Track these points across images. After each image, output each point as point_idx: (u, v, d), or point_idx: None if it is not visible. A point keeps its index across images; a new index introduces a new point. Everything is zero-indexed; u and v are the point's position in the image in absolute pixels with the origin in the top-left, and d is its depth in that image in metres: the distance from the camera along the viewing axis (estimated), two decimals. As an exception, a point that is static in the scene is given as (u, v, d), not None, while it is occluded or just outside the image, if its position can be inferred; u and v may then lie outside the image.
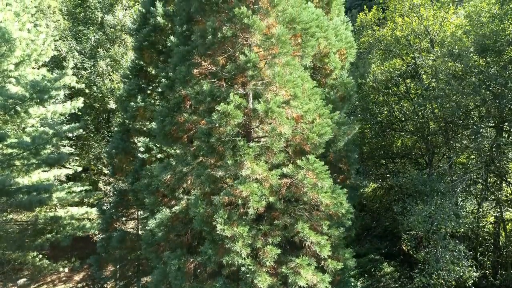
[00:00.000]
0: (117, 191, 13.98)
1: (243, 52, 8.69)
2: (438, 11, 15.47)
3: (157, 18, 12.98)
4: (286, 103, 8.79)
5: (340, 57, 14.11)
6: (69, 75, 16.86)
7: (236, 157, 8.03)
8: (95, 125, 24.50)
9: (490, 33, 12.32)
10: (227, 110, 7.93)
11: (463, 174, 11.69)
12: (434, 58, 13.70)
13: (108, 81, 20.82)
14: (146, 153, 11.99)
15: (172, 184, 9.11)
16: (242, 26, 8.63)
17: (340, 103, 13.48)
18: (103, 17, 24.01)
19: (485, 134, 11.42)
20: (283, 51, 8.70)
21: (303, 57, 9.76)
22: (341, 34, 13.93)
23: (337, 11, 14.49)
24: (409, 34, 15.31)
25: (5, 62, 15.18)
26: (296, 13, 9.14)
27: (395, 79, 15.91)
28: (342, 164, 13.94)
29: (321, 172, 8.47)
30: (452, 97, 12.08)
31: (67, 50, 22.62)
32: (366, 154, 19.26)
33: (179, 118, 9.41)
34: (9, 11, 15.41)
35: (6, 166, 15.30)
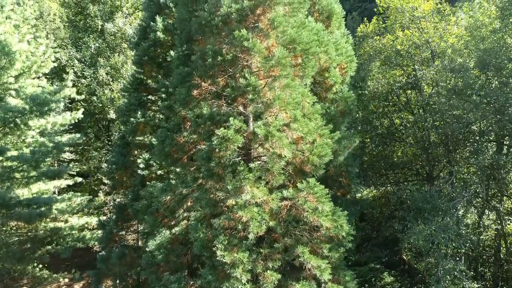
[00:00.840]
0: (117, 206, 13.95)
1: (243, 75, 8.66)
2: (439, 23, 15.44)
3: (157, 33, 12.95)
4: (287, 125, 8.76)
5: (341, 71, 14.09)
6: (69, 87, 16.82)
7: (236, 182, 8.00)
8: (95, 133, 24.50)
9: (491, 48, 12.29)
10: (227, 135, 7.90)
11: (464, 189, 11.65)
12: (435, 71, 13.67)
13: (108, 90, 20.79)
14: (146, 170, 11.97)
15: (172, 206, 9.09)
16: (242, 48, 8.60)
17: (340, 118, 13.45)
18: (103, 25, 23.98)
19: (486, 151, 11.39)
20: (283, 74, 8.68)
21: (303, 77, 9.74)
22: (342, 48, 13.92)
23: (338, 24, 14.46)
24: (410, 46, 15.28)
25: (5, 75, 15.15)
26: (296, 34, 9.11)
27: (395, 91, 15.88)
28: (342, 178, 13.92)
29: (322, 195, 8.45)
30: (453, 112, 12.05)
31: (67, 59, 22.60)
32: (366, 163, 19.24)
33: (179, 138, 9.37)
34: (9, 23, 15.37)
35: (6, 178, 15.28)
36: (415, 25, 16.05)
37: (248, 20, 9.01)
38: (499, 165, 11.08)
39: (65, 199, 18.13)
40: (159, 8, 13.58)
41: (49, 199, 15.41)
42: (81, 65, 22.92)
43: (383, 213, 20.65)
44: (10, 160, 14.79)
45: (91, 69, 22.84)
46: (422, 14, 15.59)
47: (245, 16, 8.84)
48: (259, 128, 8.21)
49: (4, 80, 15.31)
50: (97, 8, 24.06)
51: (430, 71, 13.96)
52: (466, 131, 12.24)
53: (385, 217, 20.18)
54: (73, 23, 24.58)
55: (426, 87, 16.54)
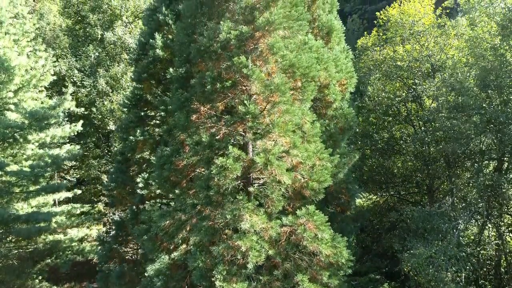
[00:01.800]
0: (116, 222, 13.92)
1: (242, 101, 8.64)
2: (440, 38, 15.40)
3: (156, 50, 12.90)
4: (286, 152, 8.73)
5: (341, 87, 14.05)
6: (68, 100, 16.79)
7: (235, 211, 7.97)
8: (94, 142, 24.44)
9: (491, 66, 12.25)
10: (226, 164, 7.87)
11: (465, 209, 11.62)
12: (435, 88, 13.64)
13: (108, 102, 20.75)
14: (145, 189, 11.94)
15: (171, 231, 9.05)
16: (242, 74, 8.58)
17: (340, 136, 13.41)
18: (103, 34, 23.94)
19: (487, 170, 11.35)
20: (283, 100, 8.65)
21: (303, 101, 9.70)
22: (341, 64, 13.87)
23: (337, 39, 14.41)
24: (410, 62, 15.25)
25: (4, 90, 15.13)
26: (295, 59, 9.08)
27: (395, 105, 15.84)
28: (342, 195, 13.88)
29: (321, 223, 8.42)
30: (453, 129, 12.01)
31: (67, 68, 22.57)
32: (366, 175, 19.21)
33: (178, 162, 9.33)
34: (8, 38, 15.34)
35: (5, 193, 15.25)
36: (415, 39, 16.01)
37: (247, 44, 8.99)
38: (500, 184, 11.05)
39: (64, 212, 18.12)
40: (159, 24, 13.52)
41: (48, 214, 15.38)
42: (81, 75, 22.89)
43: (383, 224, 20.60)
44: (9, 175, 14.78)
45: (90, 79, 22.81)
46: (423, 28, 15.55)
47: (244, 41, 8.81)
48: (259, 156, 8.18)
49: (3, 95, 15.30)
50: (97, 17, 24.02)
51: (431, 87, 13.93)
52: (466, 149, 12.20)
53: (386, 228, 20.13)
54: (73, 32, 24.54)
55: (426, 100, 16.51)
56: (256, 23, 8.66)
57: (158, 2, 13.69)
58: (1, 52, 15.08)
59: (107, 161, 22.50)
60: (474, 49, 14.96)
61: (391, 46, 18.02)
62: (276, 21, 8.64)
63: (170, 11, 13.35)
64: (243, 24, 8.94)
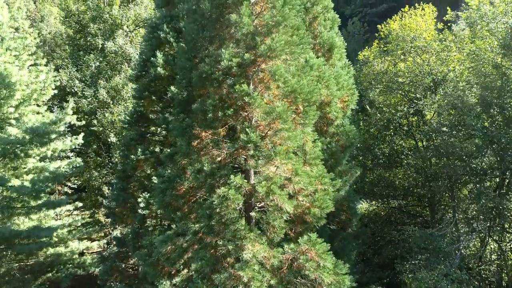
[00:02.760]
0: (117, 239, 13.91)
1: (244, 128, 8.63)
2: (442, 53, 15.39)
3: (157, 68, 12.90)
4: (288, 179, 8.71)
5: (342, 104, 14.03)
6: (70, 114, 16.78)
7: (237, 241, 7.96)
8: (95, 150, 24.40)
9: (494, 85, 12.23)
10: (228, 194, 7.86)
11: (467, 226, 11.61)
12: (437, 105, 13.62)
13: (109, 113, 20.75)
14: (147, 209, 11.93)
15: (172, 257, 9.03)
16: (243, 101, 8.56)
17: (341, 154, 13.40)
18: (103, 44, 23.92)
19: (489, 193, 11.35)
20: (285, 127, 8.63)
21: (304, 125, 9.67)
22: (343, 81, 13.86)
23: (339, 56, 14.40)
24: (412, 78, 15.24)
25: (5, 106, 15.13)
26: (297, 85, 9.06)
27: (397, 120, 15.83)
28: (343, 212, 13.87)
29: (324, 252, 8.40)
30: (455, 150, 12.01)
31: (68, 79, 22.56)
32: (367, 187, 19.19)
33: (179, 187, 9.32)
34: (9, 54, 15.34)
35: (6, 208, 15.26)
36: (416, 53, 15.98)
37: (249, 69, 8.98)
38: (502, 206, 11.03)
39: (65, 225, 18.12)
40: (160, 42, 13.53)
41: (50, 230, 15.39)
42: (82, 85, 22.87)
43: (384, 235, 20.56)
44: (10, 191, 14.78)
45: (91, 89, 22.79)
46: (424, 43, 15.53)
47: (246, 67, 8.81)
48: (260, 185, 8.17)
49: (5, 111, 15.30)
50: (98, 26, 24.01)
51: (433, 104, 13.90)
52: (467, 168, 12.18)
53: (387, 240, 20.10)
54: (74, 42, 24.53)
55: (428, 114, 16.49)
56: (258, 50, 8.65)
57: (159, 19, 13.71)
58: (2, 67, 15.09)
59: (108, 172, 22.48)
60: (476, 62, 14.95)
61: (392, 58, 18.02)
62: (278, 48, 8.63)
63: (171, 29, 13.35)
64: (245, 49, 8.93)
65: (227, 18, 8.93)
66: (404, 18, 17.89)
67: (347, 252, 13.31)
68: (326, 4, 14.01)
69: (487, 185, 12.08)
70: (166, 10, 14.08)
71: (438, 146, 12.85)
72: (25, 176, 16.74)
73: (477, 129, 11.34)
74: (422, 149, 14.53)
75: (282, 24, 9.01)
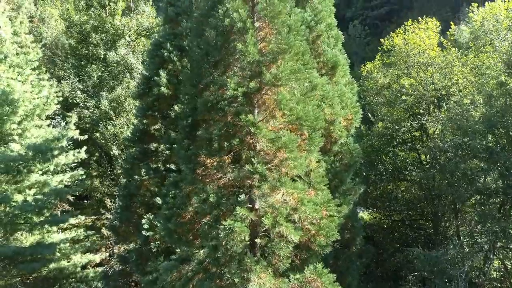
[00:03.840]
0: (121, 257, 13.89)
1: (249, 157, 8.60)
2: (446, 68, 15.35)
3: (161, 88, 12.87)
4: (294, 209, 8.68)
5: (346, 122, 14.00)
6: (72, 129, 16.77)
7: (243, 273, 7.93)
8: (97, 160, 24.38)
9: (499, 105, 12.19)
10: (234, 227, 7.83)
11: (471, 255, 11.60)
12: (441, 124, 13.59)
13: (111, 126, 20.72)
14: (151, 230, 11.90)
15: (177, 286, 9.01)
16: (249, 131, 8.54)
17: (346, 173, 13.38)
18: (105, 54, 23.89)
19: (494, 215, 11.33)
20: (291, 157, 8.60)
21: (310, 152, 9.64)
22: (347, 99, 13.85)
23: (342, 73, 14.37)
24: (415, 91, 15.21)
25: (8, 123, 15.10)
26: (302, 113, 9.02)
27: (401, 137, 15.81)
28: (347, 231, 13.84)
29: (330, 283, 8.38)
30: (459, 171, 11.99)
31: (70, 90, 22.54)
32: (370, 200, 19.17)
33: (184, 215, 9.30)
34: (12, 70, 15.32)
35: (9, 224, 15.24)
36: (420, 69, 15.95)
37: (254, 97, 8.96)
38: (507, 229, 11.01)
39: (68, 239, 18.09)
40: (163, 60, 13.50)
41: (52, 246, 15.37)
42: (84, 95, 22.85)
43: (387, 247, 20.53)
44: (12, 208, 14.76)
45: (93, 99, 22.77)
46: (427, 59, 15.49)
47: (251, 94, 8.79)
48: (266, 217, 8.14)
49: (7, 127, 15.28)
50: (100, 36, 23.98)
51: (436, 122, 13.87)
52: (472, 189, 12.16)
53: (389, 252, 20.08)
54: (76, 52, 24.50)
55: (431, 130, 16.45)
56: (263, 79, 8.62)
57: (163, 37, 13.66)
58: (5, 83, 15.07)
59: (110, 183, 22.46)
60: (479, 76, 14.90)
61: (394, 70, 17.99)
62: (283, 77, 8.60)
63: (175, 47, 13.32)
64: (250, 77, 8.91)
65: (232, 46, 8.90)
66: (407, 32, 17.84)
67: (351, 272, 13.28)
68: (330, 22, 14.00)
69: (491, 204, 12.04)
70: (170, 27, 14.04)
71: (442, 166, 12.82)
72: (27, 190, 16.72)
73: (482, 151, 11.32)
74: (426, 168, 14.50)
75: (288, 51, 8.99)
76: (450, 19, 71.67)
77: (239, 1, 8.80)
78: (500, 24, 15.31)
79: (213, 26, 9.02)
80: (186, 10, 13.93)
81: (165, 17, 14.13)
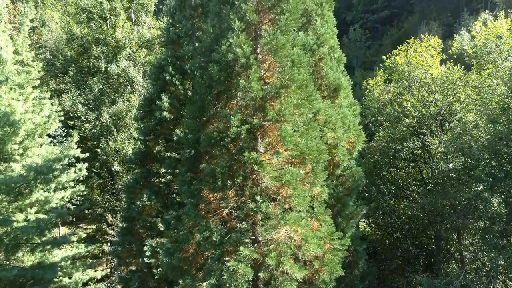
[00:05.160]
0: (122, 279, 13.85)
1: (253, 194, 8.56)
2: (450, 89, 15.31)
3: (163, 112, 12.83)
4: (297, 247, 8.63)
5: (349, 145, 13.96)
6: (74, 148, 16.71)
7: (247, 314, 7.89)
8: (98, 174, 24.32)
9: (502, 131, 12.13)
10: (238, 268, 7.78)
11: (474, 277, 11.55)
12: (445, 146, 13.55)
13: (113, 142, 20.68)
14: (153, 258, 11.85)
15: (180, 322, 8.97)
16: (253, 168, 8.50)
17: (348, 198, 13.33)
18: (107, 67, 23.85)
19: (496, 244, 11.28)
20: (294, 194, 8.56)
21: (313, 185, 9.60)
22: (349, 122, 13.80)
23: (345, 95, 14.32)
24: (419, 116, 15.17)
25: (9, 144, 15.06)
26: (306, 148, 8.98)
27: (403, 156, 15.76)
28: (350, 255, 13.78)
29: (333, 323, 8.34)
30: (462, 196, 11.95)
31: (71, 104, 22.50)
32: (371, 218, 19.11)
33: (187, 249, 9.26)
34: (14, 92, 15.27)
35: (11, 246, 15.20)
36: (423, 89, 15.90)
37: (257, 132, 8.93)
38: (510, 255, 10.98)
39: (69, 257, 18.03)
40: (165, 83, 13.47)
41: (54, 268, 15.30)
42: (85, 109, 22.80)
43: (389, 264, 20.50)
44: (14, 231, 14.71)
45: (94, 113, 22.72)
46: (430, 79, 15.44)
47: (254, 130, 8.76)
48: (270, 257, 8.09)
49: (8, 148, 15.22)
50: (101, 49, 23.94)
51: (439, 146, 13.83)
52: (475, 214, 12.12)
53: (391, 269, 20.05)
54: (77, 64, 24.47)
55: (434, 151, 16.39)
56: (267, 116, 8.59)
57: (165, 60, 13.62)
58: (6, 103, 15.02)
59: (112, 197, 22.42)
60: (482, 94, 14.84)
61: (396, 87, 17.95)
62: (287, 113, 8.57)
63: (177, 71, 13.27)
64: (253, 112, 8.88)
65: (235, 82, 8.86)
66: (410, 49, 17.80)
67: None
68: (332, 44, 13.96)
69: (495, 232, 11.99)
70: (171, 49, 14.00)
71: (446, 193, 12.78)
72: (29, 209, 16.69)
73: (485, 180, 11.28)
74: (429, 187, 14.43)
75: (291, 86, 8.96)
76: (451, 23, 71.57)
77: (243, 36, 8.77)
78: (502, 44, 15.26)
79: (216, 60, 8.99)
80: (188, 32, 13.90)
81: (167, 39, 14.09)
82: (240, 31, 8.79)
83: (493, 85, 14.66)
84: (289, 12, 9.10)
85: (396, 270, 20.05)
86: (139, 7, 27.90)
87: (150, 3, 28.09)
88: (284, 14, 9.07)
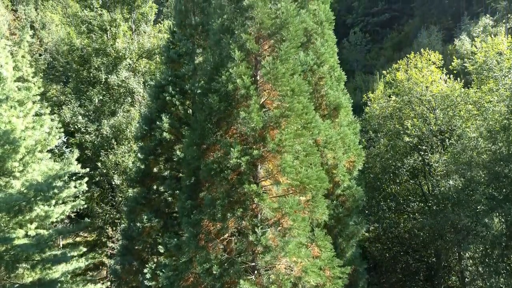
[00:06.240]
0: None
1: (253, 226, 8.56)
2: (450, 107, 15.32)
3: (163, 133, 12.82)
4: (298, 278, 8.63)
5: (349, 164, 13.95)
6: (74, 164, 16.72)
7: None
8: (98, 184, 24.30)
9: (502, 152, 12.13)
10: (238, 303, 7.78)
11: None
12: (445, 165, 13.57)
13: (113, 155, 20.68)
14: (153, 280, 11.84)
15: None
16: (252, 200, 8.50)
17: (348, 218, 13.33)
18: (107, 78, 23.86)
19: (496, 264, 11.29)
20: (294, 226, 8.57)
21: (313, 212, 9.59)
22: (349, 141, 13.80)
23: (345, 113, 14.31)
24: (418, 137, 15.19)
25: (10, 161, 15.06)
26: (306, 178, 8.97)
27: (404, 173, 15.77)
28: (350, 275, 13.76)
29: None
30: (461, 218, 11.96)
31: (71, 115, 22.51)
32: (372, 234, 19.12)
33: (188, 277, 9.26)
34: (14, 109, 15.27)
35: (11, 264, 15.21)
36: (423, 105, 15.90)
37: (257, 161, 8.93)
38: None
39: (69, 271, 18.04)
40: (165, 103, 13.45)
41: (54, 284, 15.31)
42: (85, 120, 22.80)
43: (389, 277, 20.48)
44: (14, 248, 14.72)
45: (94, 124, 22.73)
46: (431, 96, 15.44)
47: (254, 161, 8.76)
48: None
49: (9, 166, 15.23)
50: (101, 60, 23.94)
51: (439, 166, 13.85)
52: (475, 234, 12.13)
53: (391, 282, 20.03)
54: (77, 75, 24.47)
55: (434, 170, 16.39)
56: (267, 146, 8.59)
57: (165, 80, 13.61)
58: (7, 120, 15.03)
59: (112, 209, 22.41)
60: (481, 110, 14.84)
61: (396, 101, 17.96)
62: (287, 145, 8.57)
63: (177, 91, 13.26)
64: (253, 142, 8.88)
65: (236, 112, 8.86)
66: (411, 63, 17.79)
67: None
68: (332, 64, 13.96)
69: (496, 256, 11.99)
70: (171, 68, 14.00)
71: (446, 217, 12.80)
72: (29, 225, 16.70)
73: (485, 204, 11.29)
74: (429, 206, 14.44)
75: (291, 116, 8.96)
76: (451, 27, 71.56)
77: (243, 66, 8.78)
78: (502, 61, 15.26)
79: (216, 90, 8.99)
80: (188, 51, 13.90)
81: (167, 58, 14.08)
82: (240, 60, 8.79)
83: (493, 101, 14.67)
84: (289, 41, 9.11)
85: (396, 283, 20.02)
86: (140, 16, 27.89)
87: (150, 12, 28.07)
88: (284, 42, 9.07)
